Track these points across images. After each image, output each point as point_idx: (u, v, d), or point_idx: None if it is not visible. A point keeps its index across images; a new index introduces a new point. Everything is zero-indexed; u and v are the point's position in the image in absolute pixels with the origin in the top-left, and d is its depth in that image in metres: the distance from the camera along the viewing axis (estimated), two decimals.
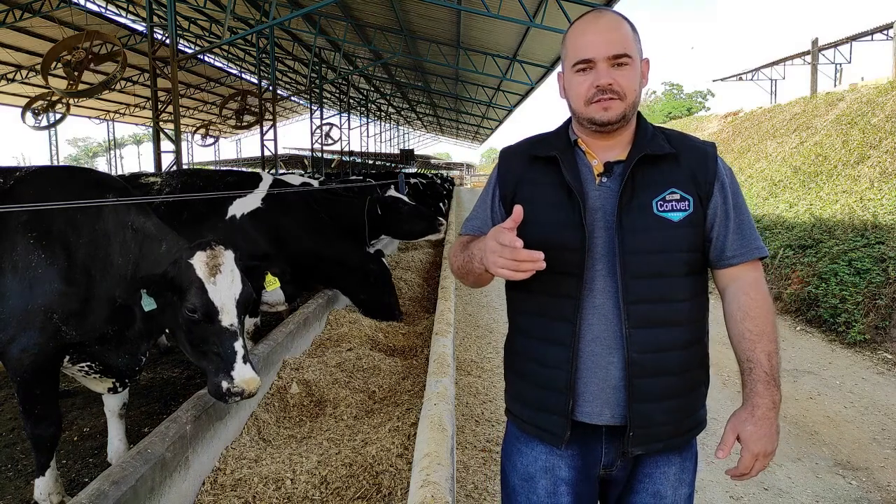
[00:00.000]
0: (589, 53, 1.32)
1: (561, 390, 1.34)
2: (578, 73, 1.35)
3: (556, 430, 1.36)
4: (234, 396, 2.34)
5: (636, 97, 1.35)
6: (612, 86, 1.31)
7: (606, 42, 1.31)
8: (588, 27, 1.35)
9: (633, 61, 1.33)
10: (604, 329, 1.33)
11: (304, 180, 6.86)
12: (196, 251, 2.42)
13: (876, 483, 3.32)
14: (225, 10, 13.30)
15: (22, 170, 2.89)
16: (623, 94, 1.32)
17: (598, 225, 1.33)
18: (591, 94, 1.33)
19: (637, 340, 1.30)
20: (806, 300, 6.83)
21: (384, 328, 4.80)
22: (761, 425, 1.31)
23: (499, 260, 1.19)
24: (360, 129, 37.42)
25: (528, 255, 1.17)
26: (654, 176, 1.35)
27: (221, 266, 2.40)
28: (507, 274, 1.19)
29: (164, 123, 11.79)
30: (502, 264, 1.18)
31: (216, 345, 2.37)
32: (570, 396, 1.33)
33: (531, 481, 1.43)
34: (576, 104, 1.37)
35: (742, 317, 1.36)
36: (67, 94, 13.13)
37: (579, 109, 1.37)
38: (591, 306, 1.33)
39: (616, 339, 1.32)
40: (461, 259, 1.41)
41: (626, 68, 1.32)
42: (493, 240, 1.21)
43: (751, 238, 1.38)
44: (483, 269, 1.28)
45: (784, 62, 20.43)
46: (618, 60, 1.31)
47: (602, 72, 1.31)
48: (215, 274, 2.38)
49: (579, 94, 1.35)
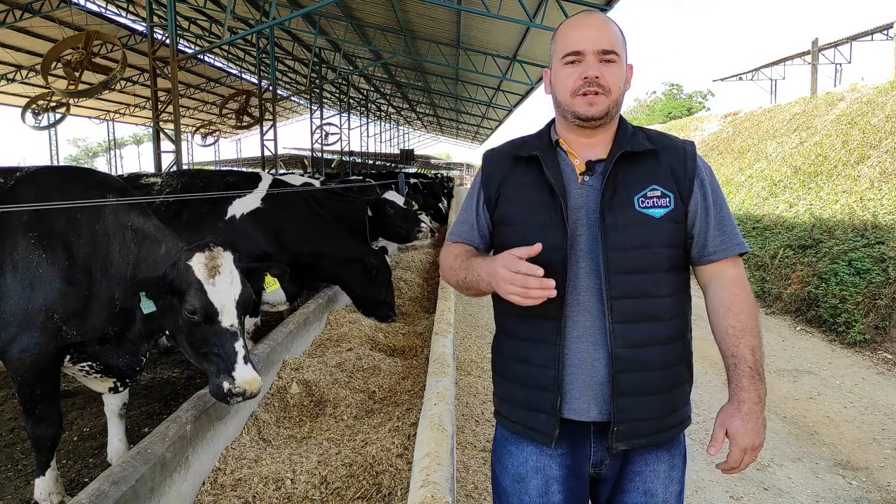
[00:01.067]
0: (579, 46, 1.35)
1: (548, 388, 1.35)
2: (567, 65, 1.37)
3: (545, 429, 1.37)
4: (236, 397, 2.34)
5: (620, 96, 1.38)
6: (598, 79, 1.34)
7: (596, 37, 1.35)
8: (579, 23, 1.40)
9: (620, 59, 1.37)
10: (589, 325, 1.34)
11: (306, 180, 6.86)
12: (195, 252, 2.41)
13: (876, 483, 3.32)
14: (225, 10, 13.30)
15: (23, 170, 2.89)
16: (608, 90, 1.35)
17: (580, 223, 1.35)
18: (577, 86, 1.35)
19: (621, 335, 1.32)
20: (806, 300, 6.83)
21: (384, 328, 4.80)
22: (748, 419, 1.33)
23: (509, 287, 1.23)
24: (360, 129, 37.42)
25: (540, 283, 1.20)
26: (636, 173, 1.37)
27: (220, 267, 2.39)
28: (517, 300, 1.23)
29: (164, 123, 11.79)
30: (512, 290, 1.23)
31: (217, 346, 2.37)
32: (557, 394, 1.35)
33: (522, 482, 1.43)
34: (562, 96, 1.40)
35: (725, 312, 1.38)
36: (67, 94, 13.13)
37: (565, 101, 1.39)
38: (576, 303, 1.35)
39: (601, 335, 1.33)
40: (461, 275, 1.43)
41: (613, 65, 1.36)
42: (505, 268, 1.24)
43: (731, 234, 1.40)
44: (490, 290, 1.33)
45: (784, 62, 20.41)
46: (606, 56, 1.35)
47: (591, 64, 1.34)
48: (214, 275, 2.37)
49: (566, 86, 1.37)
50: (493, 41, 16.03)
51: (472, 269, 1.39)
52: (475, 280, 1.37)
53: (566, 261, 1.34)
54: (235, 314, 2.39)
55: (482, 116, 32.47)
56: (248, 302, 2.48)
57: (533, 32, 13.60)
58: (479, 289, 1.39)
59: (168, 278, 2.41)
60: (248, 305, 2.49)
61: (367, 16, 16.66)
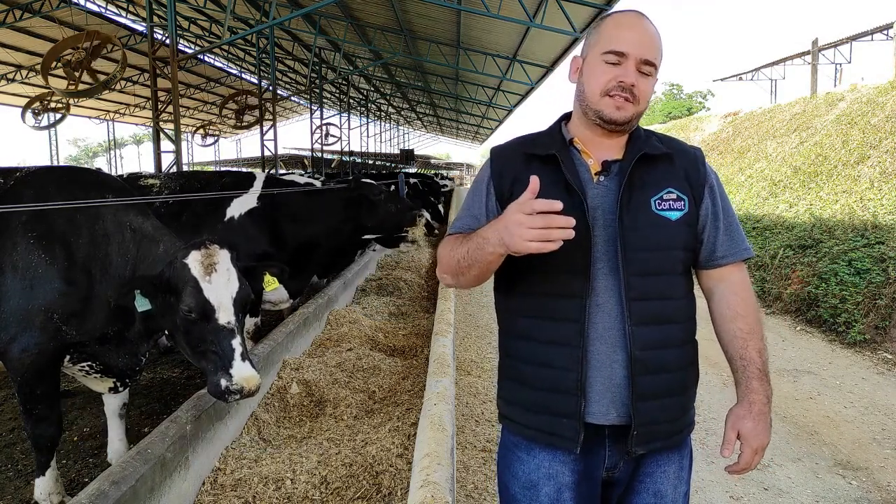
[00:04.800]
0: (626, 47, 1.32)
1: (571, 392, 1.32)
2: (606, 62, 1.34)
3: (568, 434, 1.33)
4: (234, 395, 2.31)
5: (646, 108, 1.38)
6: (633, 87, 1.32)
7: (644, 44, 1.33)
8: (630, 22, 1.35)
9: (655, 73, 1.36)
10: (608, 327, 1.32)
11: (307, 180, 6.85)
12: (191, 251, 2.40)
13: (876, 483, 3.32)
14: (225, 10, 13.30)
15: (22, 170, 2.89)
16: (638, 100, 1.34)
17: (598, 223, 1.33)
18: (610, 86, 1.33)
19: (639, 337, 1.31)
20: (806, 300, 6.83)
21: (384, 328, 4.80)
22: (759, 420, 1.34)
23: (527, 232, 1.13)
24: (360, 129, 37.42)
25: (565, 220, 1.12)
26: (652, 175, 1.37)
27: (217, 265, 2.38)
28: (536, 246, 1.13)
29: (164, 123, 11.77)
30: (531, 236, 1.13)
31: (214, 344, 2.35)
32: (581, 398, 1.31)
33: (534, 489, 1.40)
34: (590, 91, 1.36)
35: (733, 316, 1.39)
36: (67, 94, 13.13)
37: (592, 98, 1.36)
38: (595, 305, 1.33)
39: (619, 337, 1.32)
40: (461, 251, 1.32)
41: (650, 78, 1.35)
42: (518, 212, 1.14)
43: (739, 239, 1.42)
44: (499, 253, 1.21)
45: (784, 62, 20.41)
46: (646, 67, 1.33)
47: (630, 70, 1.32)
48: (211, 273, 2.36)
49: (599, 83, 1.34)
50: (493, 41, 16.03)
51: (475, 237, 1.28)
52: (479, 245, 1.25)
53: (589, 262, 1.31)
54: (233, 311, 2.38)
55: (482, 116, 32.45)
56: (245, 300, 2.47)
57: (533, 32, 13.59)
58: (483, 258, 1.26)
59: (165, 277, 2.40)
60: (246, 303, 2.48)
61: (367, 16, 16.66)
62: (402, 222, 4.85)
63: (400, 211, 4.81)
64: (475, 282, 1.38)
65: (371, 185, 4.82)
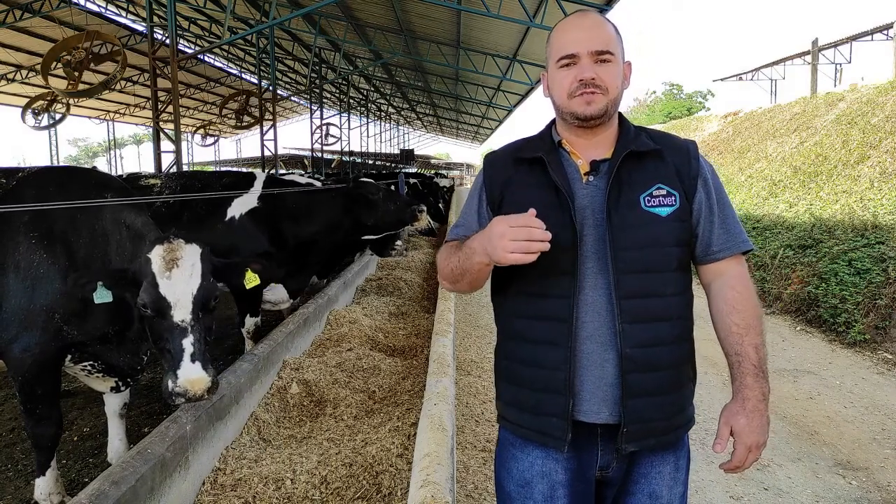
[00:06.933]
0: (573, 49, 1.35)
1: (560, 391, 1.33)
2: (562, 68, 1.37)
3: (556, 433, 1.35)
4: (179, 397, 2.16)
5: (618, 94, 1.38)
6: (594, 80, 1.34)
7: (590, 38, 1.35)
8: (572, 25, 1.39)
9: (615, 59, 1.36)
10: (598, 326, 1.33)
11: (308, 180, 6.85)
12: (155, 245, 2.32)
13: (876, 483, 3.32)
14: (225, 10, 13.31)
15: (24, 170, 2.90)
16: (606, 89, 1.35)
17: (587, 223, 1.34)
18: (573, 88, 1.35)
19: (630, 336, 1.31)
20: (806, 300, 6.83)
21: (384, 328, 4.80)
22: (753, 417, 1.33)
23: (509, 244, 1.19)
24: (360, 129, 37.42)
25: (543, 234, 1.18)
26: (641, 172, 1.37)
27: (179, 260, 2.29)
28: (517, 258, 1.19)
29: (164, 123, 11.77)
30: (513, 248, 1.19)
31: (168, 342, 2.26)
32: (569, 397, 1.33)
33: (528, 487, 1.41)
34: (559, 99, 1.40)
35: (729, 311, 1.38)
36: (67, 94, 13.12)
37: (562, 104, 1.39)
38: (584, 304, 1.33)
39: (610, 336, 1.32)
40: (454, 260, 1.39)
41: (609, 65, 1.35)
42: (501, 223, 1.21)
43: (735, 232, 1.41)
44: (484, 262, 1.28)
45: (784, 62, 20.41)
46: (601, 56, 1.34)
47: (585, 66, 1.34)
48: (172, 268, 2.27)
49: (563, 88, 1.37)
50: (493, 41, 16.04)
51: (464, 248, 1.35)
52: (468, 255, 1.32)
53: (577, 261, 1.33)
54: (190, 309, 2.27)
55: (482, 116, 32.47)
56: (208, 297, 2.35)
57: (533, 32, 13.60)
58: (472, 268, 1.33)
59: (131, 271, 2.34)
60: (207, 301, 2.36)
61: (367, 16, 16.66)
62: (402, 219, 4.84)
63: (399, 208, 4.80)
64: (470, 288, 1.43)
65: (370, 184, 4.81)
